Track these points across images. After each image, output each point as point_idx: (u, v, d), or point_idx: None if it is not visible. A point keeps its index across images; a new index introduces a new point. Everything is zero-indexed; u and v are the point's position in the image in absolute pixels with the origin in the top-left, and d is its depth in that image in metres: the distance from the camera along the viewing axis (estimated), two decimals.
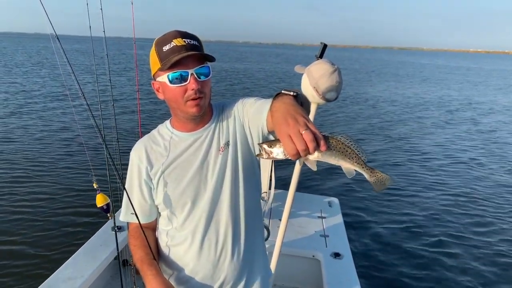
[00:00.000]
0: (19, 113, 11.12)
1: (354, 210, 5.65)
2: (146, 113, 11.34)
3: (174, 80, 1.25)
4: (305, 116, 0.89)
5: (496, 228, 5.26)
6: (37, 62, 29.91)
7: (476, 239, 4.95)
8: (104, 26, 2.27)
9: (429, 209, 5.80)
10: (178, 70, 1.23)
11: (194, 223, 1.37)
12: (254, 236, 1.46)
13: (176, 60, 1.21)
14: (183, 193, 1.35)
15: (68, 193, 5.67)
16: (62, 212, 5.09)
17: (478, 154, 9.04)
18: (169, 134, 1.41)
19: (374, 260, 4.39)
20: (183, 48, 1.22)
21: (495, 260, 4.48)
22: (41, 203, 5.34)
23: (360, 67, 46.63)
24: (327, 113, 12.96)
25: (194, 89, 1.24)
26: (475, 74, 41.63)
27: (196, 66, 1.24)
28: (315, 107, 1.93)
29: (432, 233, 5.03)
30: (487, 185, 6.96)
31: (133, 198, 1.43)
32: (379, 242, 4.81)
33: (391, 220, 5.40)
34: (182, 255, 1.41)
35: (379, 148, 9.20)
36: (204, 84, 1.27)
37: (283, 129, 0.87)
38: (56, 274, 2.36)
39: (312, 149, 0.84)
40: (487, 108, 16.31)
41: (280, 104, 0.96)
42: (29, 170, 6.55)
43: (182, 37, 1.24)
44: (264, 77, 26.56)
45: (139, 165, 1.40)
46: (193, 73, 1.24)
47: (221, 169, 1.35)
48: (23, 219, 4.90)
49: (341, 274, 2.61)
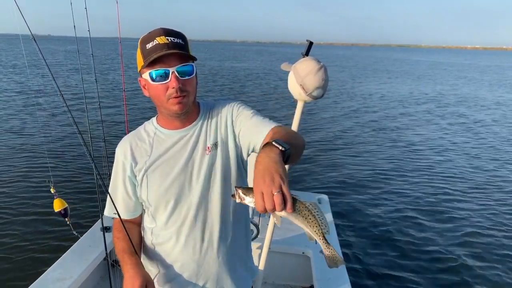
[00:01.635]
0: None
1: (344, 207, 5.69)
2: (133, 111, 11.31)
3: (156, 78, 1.25)
4: (282, 176, 0.93)
5: (494, 224, 5.31)
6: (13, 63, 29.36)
7: (468, 234, 5.01)
8: (89, 26, 2.26)
9: (420, 205, 5.87)
10: (159, 68, 1.23)
11: (178, 222, 1.37)
12: (239, 236, 1.47)
13: (155, 58, 1.21)
14: (167, 191, 1.34)
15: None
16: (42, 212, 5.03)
17: (473, 149, 9.13)
18: (155, 131, 1.40)
19: (363, 256, 4.43)
20: (165, 46, 1.22)
21: (489, 254, 4.56)
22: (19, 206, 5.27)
23: (355, 64, 47.00)
24: (323, 109, 13.06)
25: (174, 87, 1.24)
26: (469, 70, 42.01)
27: (178, 65, 1.24)
28: (302, 104, 1.95)
29: (423, 229, 5.09)
30: (482, 181, 7.01)
31: (118, 194, 1.43)
32: (369, 238, 4.86)
33: (381, 216, 5.46)
34: (166, 254, 1.42)
35: (369, 142, 9.30)
36: (186, 82, 1.27)
37: (259, 184, 0.92)
38: (44, 275, 2.34)
39: (279, 210, 0.90)
40: (478, 103, 16.59)
41: (265, 157, 0.99)
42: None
43: (165, 35, 1.24)
44: (254, 74, 26.58)
45: (123, 161, 1.40)
46: (174, 72, 1.23)
47: (208, 170, 1.35)
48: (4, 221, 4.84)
49: (331, 270, 2.63)
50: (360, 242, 4.76)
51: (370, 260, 4.36)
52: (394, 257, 4.43)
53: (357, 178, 6.98)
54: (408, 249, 4.60)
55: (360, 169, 7.46)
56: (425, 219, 5.37)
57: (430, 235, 4.93)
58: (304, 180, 6.78)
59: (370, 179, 6.93)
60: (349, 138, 9.89)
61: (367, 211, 5.61)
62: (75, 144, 7.83)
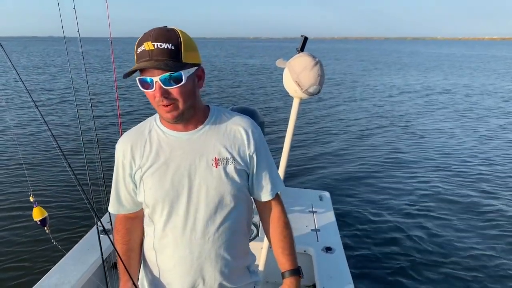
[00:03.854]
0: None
1: (346, 204, 5.64)
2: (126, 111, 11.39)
3: (143, 85, 1.21)
4: None
5: (501, 223, 5.18)
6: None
7: (474, 231, 4.94)
8: (78, 26, 2.22)
9: (426, 202, 5.78)
10: (144, 76, 1.19)
11: (175, 231, 1.33)
12: (239, 244, 1.44)
13: (134, 69, 1.17)
14: (164, 196, 1.31)
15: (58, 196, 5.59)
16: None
17: (482, 146, 8.87)
18: (157, 130, 1.36)
19: (366, 254, 4.39)
20: (148, 55, 1.16)
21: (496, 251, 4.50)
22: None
23: (363, 58, 46.84)
24: (325, 103, 13.02)
25: (158, 97, 1.19)
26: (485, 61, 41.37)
27: (162, 74, 1.16)
28: (298, 102, 1.90)
29: (426, 227, 5.02)
30: (498, 180, 6.75)
31: (120, 192, 1.41)
32: (371, 235, 4.81)
33: (383, 213, 5.41)
34: (163, 262, 1.39)
35: (373, 137, 9.23)
36: (173, 91, 1.20)
37: None
38: (41, 281, 2.31)
39: None
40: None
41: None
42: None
43: (153, 39, 1.15)
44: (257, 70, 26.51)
45: (123, 161, 1.36)
46: (157, 81, 1.17)
47: (213, 183, 1.31)
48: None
49: (333, 268, 2.60)
50: (362, 239, 4.71)
51: (372, 258, 4.31)
52: (397, 255, 4.38)
53: (360, 174, 6.92)
54: (412, 247, 4.54)
55: (363, 166, 7.39)
56: (431, 216, 5.30)
57: (436, 232, 4.86)
58: (306, 177, 6.73)
59: (373, 176, 6.86)
60: (353, 134, 9.81)
61: (370, 208, 5.55)
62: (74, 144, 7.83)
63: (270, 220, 1.48)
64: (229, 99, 15.33)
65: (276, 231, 1.47)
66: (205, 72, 1.32)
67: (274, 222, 1.47)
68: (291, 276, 1.45)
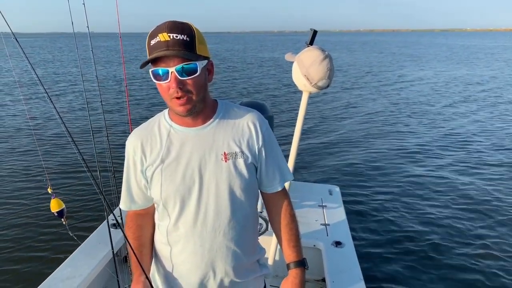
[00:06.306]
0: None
1: (356, 198, 5.60)
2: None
3: (157, 77, 1.20)
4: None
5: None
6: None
7: (485, 228, 4.84)
8: (87, 22, 2.23)
9: (436, 197, 5.69)
10: (159, 67, 1.18)
11: (187, 225, 1.34)
12: (249, 237, 1.45)
13: (151, 58, 1.17)
14: (175, 192, 1.31)
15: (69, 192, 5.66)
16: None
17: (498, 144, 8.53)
18: (167, 126, 1.36)
19: (376, 248, 4.36)
20: (164, 45, 1.16)
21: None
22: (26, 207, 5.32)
23: (380, 50, 46.46)
24: (335, 98, 12.91)
25: (173, 88, 1.19)
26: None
27: (178, 64, 1.17)
28: (307, 96, 1.89)
29: (437, 222, 4.94)
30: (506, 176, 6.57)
31: (132, 188, 1.42)
32: (381, 230, 4.77)
33: (394, 207, 5.36)
34: (174, 256, 1.40)
35: (385, 131, 9.11)
36: (188, 82, 1.20)
37: None
38: (54, 274, 2.35)
39: None
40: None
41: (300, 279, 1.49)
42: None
43: (168, 31, 1.16)
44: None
45: (133, 157, 1.37)
46: (173, 71, 1.17)
47: (222, 177, 1.31)
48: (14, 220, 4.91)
49: (343, 263, 2.60)
50: (373, 234, 4.68)
51: (383, 253, 4.28)
52: (408, 250, 4.34)
53: (370, 169, 6.84)
54: (425, 244, 4.47)
55: (374, 160, 7.31)
56: (445, 213, 5.20)
57: (450, 230, 4.75)
58: (316, 171, 6.70)
59: (384, 170, 6.78)
60: (364, 128, 9.69)
61: (380, 203, 5.50)
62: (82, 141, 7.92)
63: (276, 212, 1.49)
64: (239, 93, 15.35)
65: (282, 223, 1.47)
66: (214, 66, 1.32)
67: (281, 214, 1.48)
68: (296, 268, 1.47)
